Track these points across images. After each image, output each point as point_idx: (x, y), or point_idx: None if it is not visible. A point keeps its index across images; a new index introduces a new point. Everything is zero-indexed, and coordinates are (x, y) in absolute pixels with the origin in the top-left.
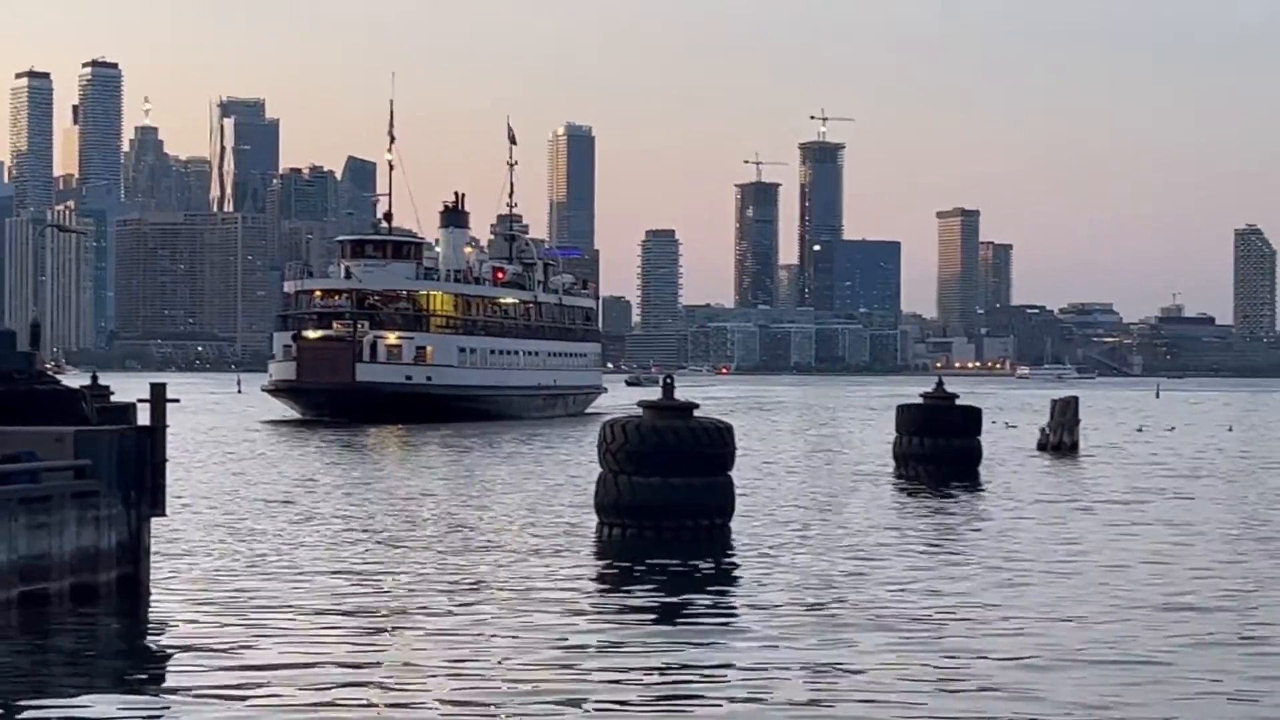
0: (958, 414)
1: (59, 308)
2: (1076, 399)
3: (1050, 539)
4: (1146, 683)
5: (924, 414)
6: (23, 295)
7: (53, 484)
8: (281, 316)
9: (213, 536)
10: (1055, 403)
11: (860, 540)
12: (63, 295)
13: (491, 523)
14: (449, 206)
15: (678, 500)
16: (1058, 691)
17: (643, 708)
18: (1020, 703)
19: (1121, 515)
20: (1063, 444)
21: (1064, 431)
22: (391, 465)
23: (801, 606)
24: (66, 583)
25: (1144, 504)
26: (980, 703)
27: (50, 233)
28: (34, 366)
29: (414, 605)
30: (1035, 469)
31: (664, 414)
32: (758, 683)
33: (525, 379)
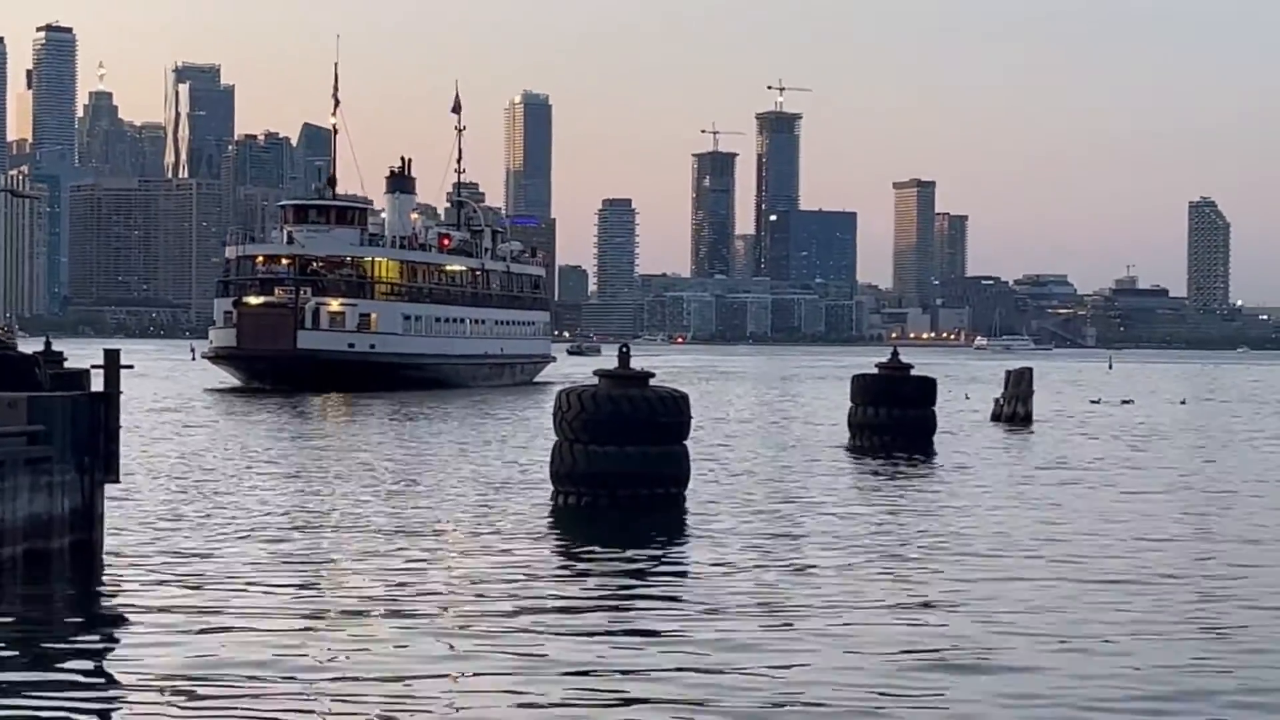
0: (913, 384)
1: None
2: (1031, 370)
3: (998, 508)
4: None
5: (879, 384)
6: None
7: (5, 449)
8: (223, 282)
9: (166, 503)
10: (1010, 374)
11: (813, 509)
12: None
13: (445, 491)
14: (395, 172)
15: (633, 469)
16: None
17: (597, 676)
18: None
19: (1071, 485)
20: (1017, 415)
21: (1018, 402)
22: (341, 433)
23: (752, 574)
24: (19, 549)
25: (1094, 473)
26: (929, 674)
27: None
28: None
29: (366, 569)
30: (989, 439)
31: (620, 383)
32: (708, 654)
33: (472, 347)
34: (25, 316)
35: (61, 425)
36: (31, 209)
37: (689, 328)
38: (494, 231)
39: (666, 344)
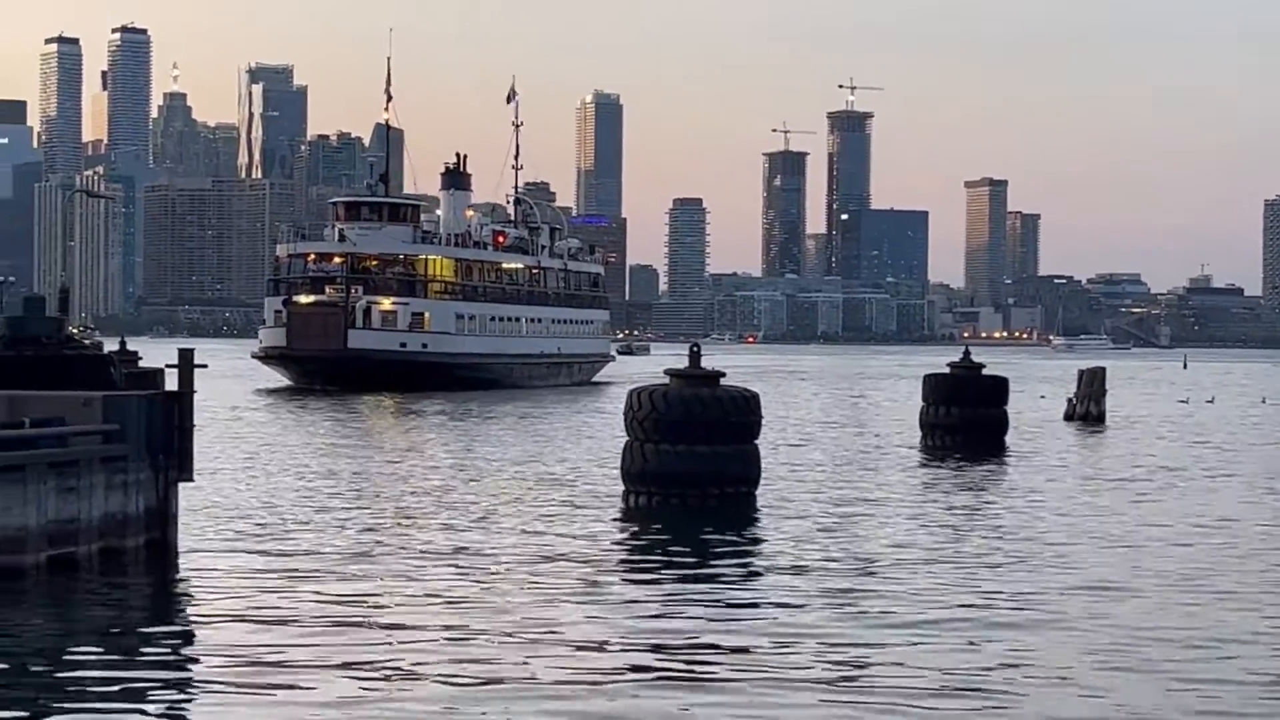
0: (984, 384)
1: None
2: (1104, 369)
3: (1069, 509)
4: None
5: (950, 383)
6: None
7: (81, 448)
8: (273, 281)
9: (239, 501)
10: (1083, 373)
11: (884, 509)
12: (91, 261)
13: (516, 489)
14: (450, 168)
15: (704, 468)
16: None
17: (665, 673)
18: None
19: (1141, 486)
20: (1090, 414)
21: (1091, 402)
22: (402, 434)
23: (824, 575)
24: (95, 547)
25: (1166, 474)
26: (1002, 672)
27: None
28: (63, 331)
29: (438, 567)
30: (1060, 439)
31: (691, 382)
32: (779, 652)
33: (527, 346)
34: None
35: (136, 424)
36: (107, 209)
37: (759, 327)
38: (552, 229)
39: (735, 343)
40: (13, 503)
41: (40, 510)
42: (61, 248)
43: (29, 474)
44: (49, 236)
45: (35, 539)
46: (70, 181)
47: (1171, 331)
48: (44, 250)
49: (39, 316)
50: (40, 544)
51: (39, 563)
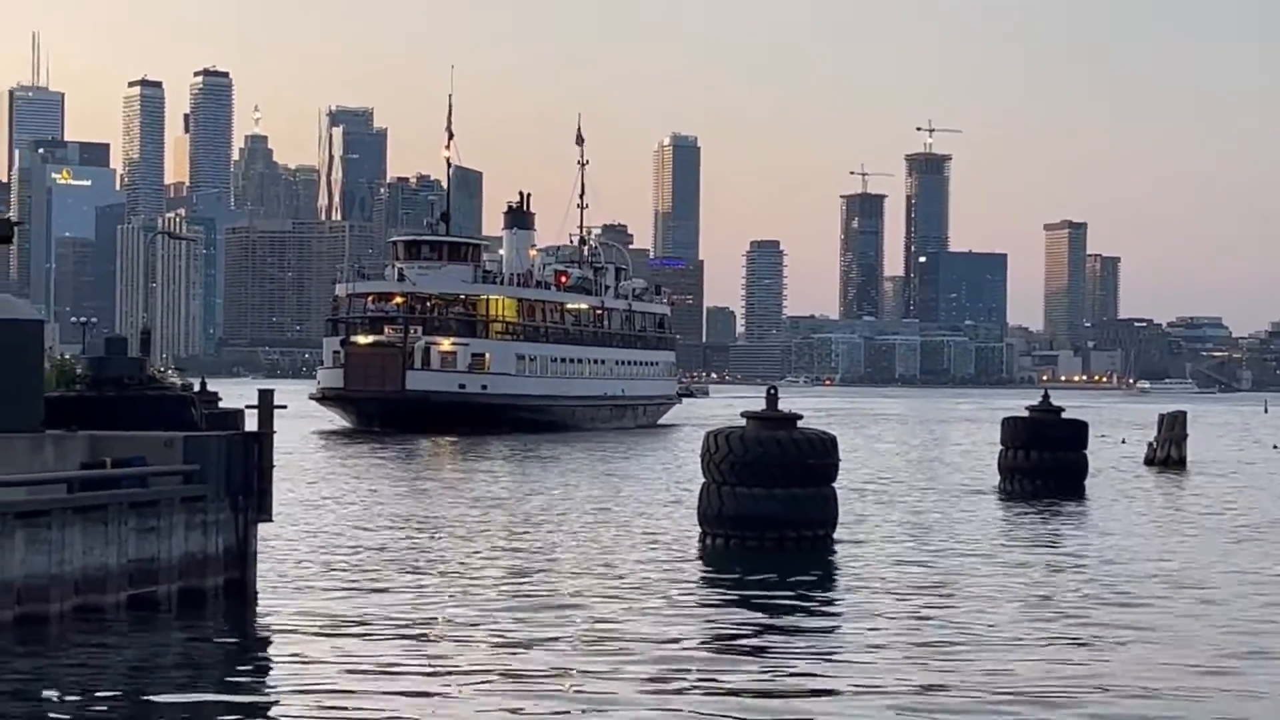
0: (1064, 427)
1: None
2: (1184, 413)
3: (1148, 557)
4: None
5: (1029, 427)
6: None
7: (162, 489)
8: (331, 321)
9: (317, 542)
10: (1163, 417)
11: (962, 552)
12: (173, 302)
13: (590, 531)
14: (513, 207)
15: (781, 511)
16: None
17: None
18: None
19: (1223, 533)
20: (1170, 458)
21: (1171, 446)
22: (472, 474)
23: (903, 619)
24: (175, 586)
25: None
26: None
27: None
28: (144, 372)
29: (516, 611)
30: (1141, 484)
31: (768, 425)
32: (859, 695)
33: (590, 388)
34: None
35: (216, 464)
36: (188, 251)
37: (837, 369)
38: (617, 269)
39: (810, 385)
40: (94, 542)
41: (121, 550)
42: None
43: (110, 514)
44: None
45: (116, 578)
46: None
47: (1253, 375)
48: (126, 292)
49: (121, 357)
50: (121, 583)
51: (119, 602)
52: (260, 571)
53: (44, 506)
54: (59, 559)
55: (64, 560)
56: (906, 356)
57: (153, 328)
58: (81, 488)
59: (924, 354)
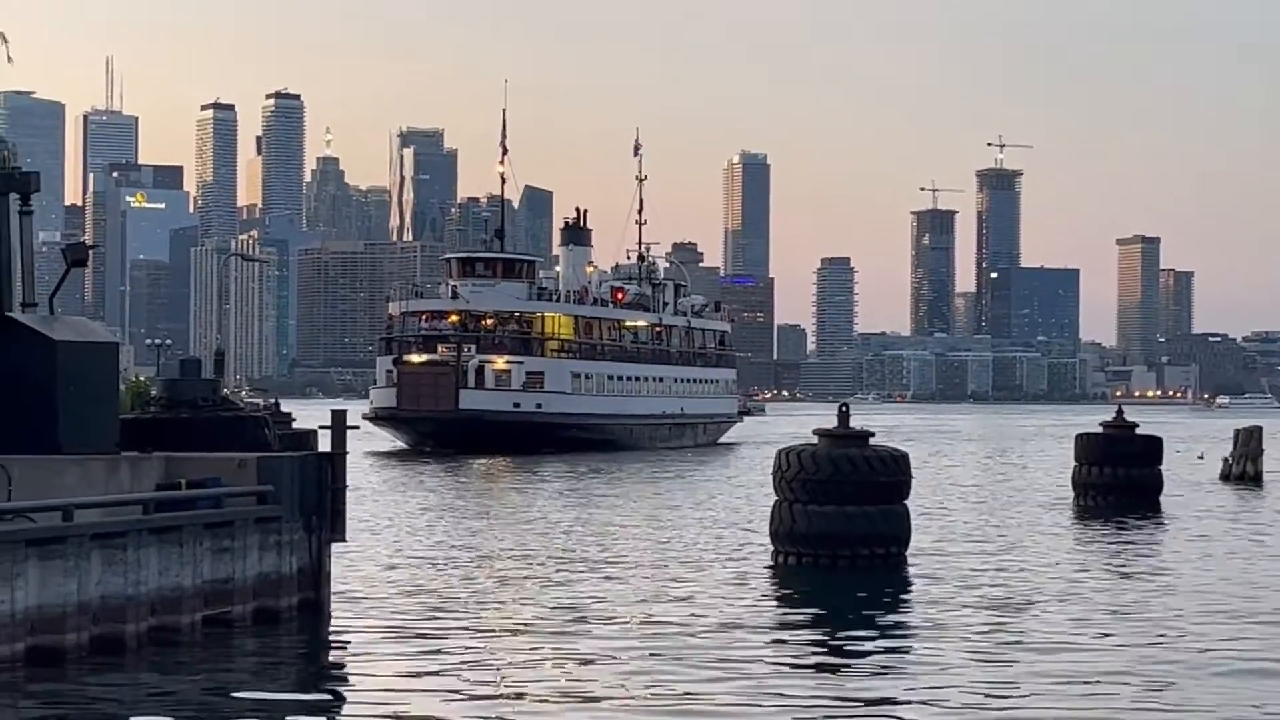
0: (1138, 443)
1: (242, 336)
2: (1260, 429)
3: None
4: None
5: (1103, 443)
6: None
7: (236, 509)
8: (384, 340)
9: (391, 562)
10: (1239, 432)
11: (1037, 570)
12: (246, 323)
13: (660, 549)
14: (570, 223)
15: (853, 529)
16: None
17: None
18: None
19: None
20: (1246, 474)
21: (1247, 461)
22: (534, 494)
23: (975, 638)
24: (249, 607)
25: None
26: None
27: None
28: (218, 393)
29: (584, 629)
30: (1216, 499)
31: (840, 442)
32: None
33: (648, 406)
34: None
35: (289, 485)
36: (261, 273)
37: (908, 386)
38: (676, 285)
39: (880, 402)
40: (170, 563)
41: (196, 570)
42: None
43: (185, 535)
44: (204, 300)
45: (191, 599)
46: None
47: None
48: (200, 313)
49: (195, 379)
50: (196, 604)
51: (195, 622)
52: (334, 591)
53: (120, 528)
54: (135, 580)
55: (140, 581)
56: (979, 373)
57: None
58: (157, 509)
59: (996, 370)
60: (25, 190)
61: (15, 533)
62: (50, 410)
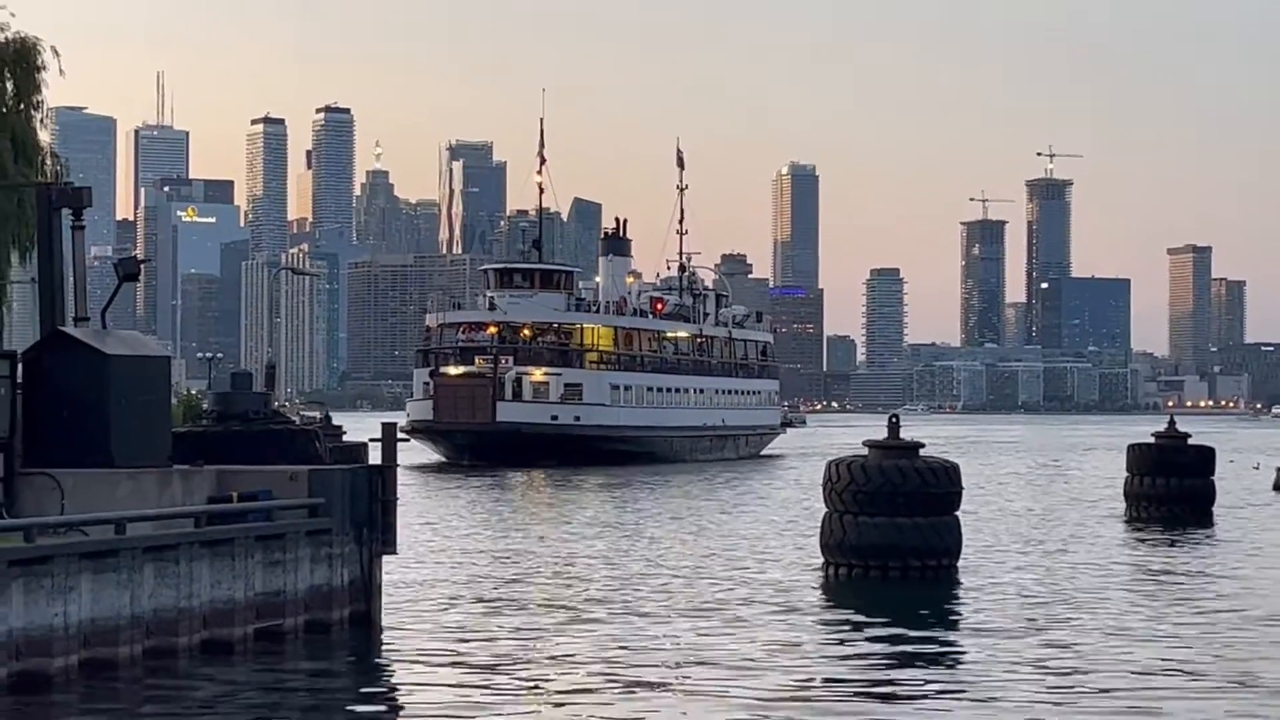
0: (1191, 454)
1: (293, 349)
2: None
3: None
4: None
5: (1156, 453)
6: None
7: (287, 522)
8: (421, 352)
9: (441, 575)
10: None
11: (1090, 582)
12: (296, 337)
13: (709, 560)
14: (609, 233)
15: (904, 540)
16: None
17: None
18: None
19: None
20: None
21: None
22: (578, 507)
23: (1028, 650)
24: (301, 619)
25: None
26: None
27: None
28: (269, 406)
29: (635, 644)
30: (1271, 510)
31: (890, 453)
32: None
33: (688, 418)
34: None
35: (340, 498)
36: (311, 286)
37: (959, 397)
38: (717, 295)
39: (928, 413)
40: (222, 576)
41: (248, 583)
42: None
43: (237, 547)
44: (255, 313)
45: (243, 612)
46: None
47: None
48: (251, 327)
49: (246, 392)
50: (248, 616)
51: (246, 635)
52: (384, 604)
53: (172, 540)
54: (187, 592)
55: (192, 594)
56: (1029, 383)
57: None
58: (209, 522)
59: (1047, 381)
60: (77, 205)
61: (69, 546)
62: (103, 424)
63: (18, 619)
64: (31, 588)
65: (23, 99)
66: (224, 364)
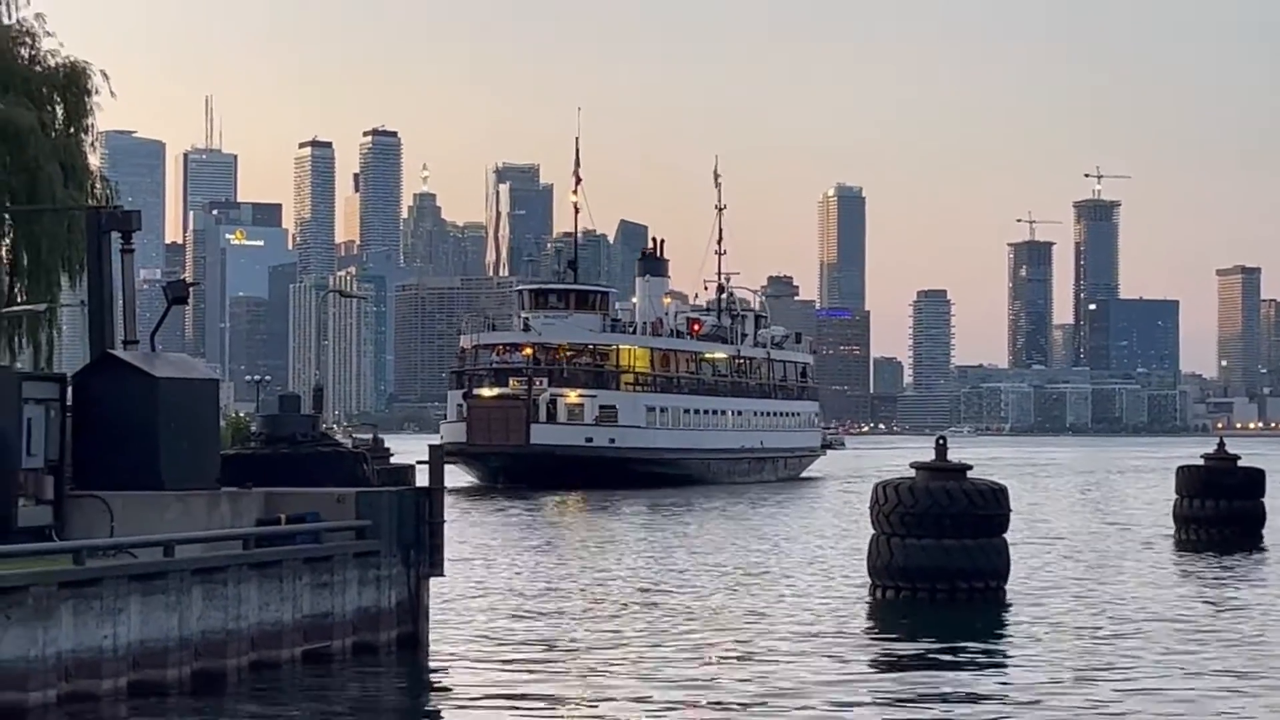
0: (1240, 476)
1: (340, 371)
2: None
3: None
4: None
5: (1205, 475)
6: (306, 359)
7: (335, 544)
8: (455, 373)
9: (487, 596)
10: None
11: (1138, 604)
12: (344, 359)
13: (756, 582)
14: (646, 253)
15: (952, 562)
16: None
17: None
18: None
19: None
20: None
21: None
22: (620, 531)
23: (1076, 674)
24: (349, 641)
25: None
26: None
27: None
28: (317, 429)
29: (685, 665)
30: None
31: (937, 475)
32: None
33: (725, 440)
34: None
35: (388, 520)
36: (359, 309)
37: (1006, 419)
38: (756, 316)
39: (975, 435)
40: (270, 598)
41: (296, 605)
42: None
43: (285, 569)
44: (303, 336)
45: (291, 633)
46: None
47: None
48: (298, 349)
49: (294, 414)
50: (296, 638)
51: (294, 657)
52: (432, 625)
53: (221, 562)
54: (235, 614)
55: (240, 616)
56: (1077, 405)
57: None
58: (257, 544)
59: (1095, 402)
60: (126, 229)
61: (118, 568)
62: (152, 446)
63: (67, 641)
64: (81, 610)
65: (72, 123)
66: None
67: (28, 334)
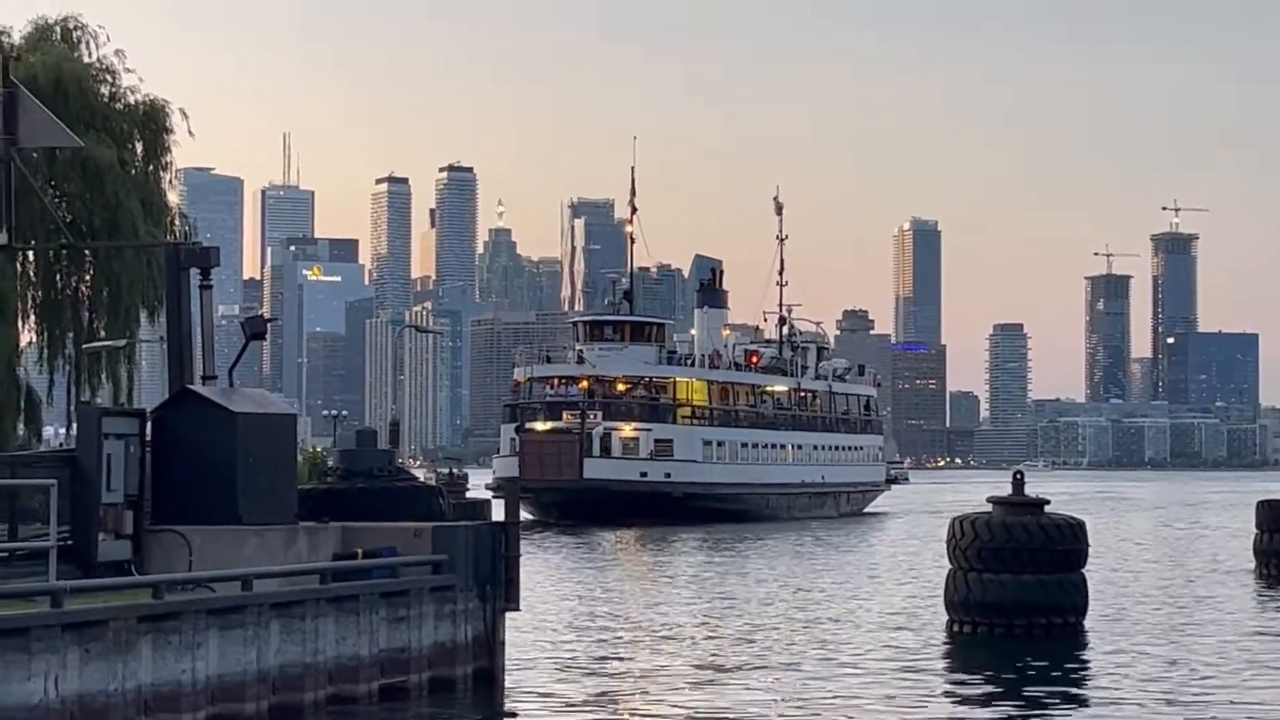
0: None
1: (416, 406)
2: None
3: None
4: None
5: None
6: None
7: (411, 578)
8: (509, 407)
9: (563, 632)
10: None
11: (1220, 640)
12: (420, 394)
13: (829, 617)
14: (705, 284)
15: (1029, 597)
16: None
17: None
18: None
19: None
20: None
21: None
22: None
23: (1157, 709)
24: (425, 675)
25: None
26: None
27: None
28: (394, 463)
29: (759, 702)
30: None
31: (1014, 510)
32: None
33: (785, 475)
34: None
35: (464, 554)
36: (435, 344)
37: (1084, 453)
38: (818, 348)
39: (1050, 469)
40: (347, 633)
41: (373, 640)
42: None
43: (362, 604)
44: (379, 371)
45: (368, 668)
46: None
47: None
48: (375, 384)
49: (371, 449)
50: (372, 673)
51: (371, 691)
52: (508, 660)
53: (298, 597)
54: (313, 649)
55: (317, 650)
56: (1156, 439)
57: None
58: (334, 578)
59: (1174, 437)
60: (205, 265)
61: (196, 603)
62: (230, 481)
63: (146, 675)
64: (160, 644)
65: (151, 160)
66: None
67: (107, 369)
